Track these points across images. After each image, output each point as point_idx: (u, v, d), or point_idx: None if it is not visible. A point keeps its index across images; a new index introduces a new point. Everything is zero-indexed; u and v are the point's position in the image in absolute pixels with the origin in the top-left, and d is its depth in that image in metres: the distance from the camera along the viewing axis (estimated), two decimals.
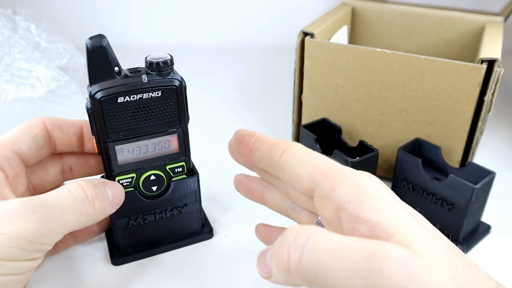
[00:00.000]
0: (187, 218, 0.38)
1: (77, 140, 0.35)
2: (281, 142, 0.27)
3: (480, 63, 0.38)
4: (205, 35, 0.89)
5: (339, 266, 0.19)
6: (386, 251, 0.19)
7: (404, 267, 0.18)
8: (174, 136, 0.34)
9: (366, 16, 0.58)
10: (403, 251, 0.19)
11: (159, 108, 0.32)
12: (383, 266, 0.19)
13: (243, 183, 0.34)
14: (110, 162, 0.33)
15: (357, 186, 0.23)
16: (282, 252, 0.21)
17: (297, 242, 0.21)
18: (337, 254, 0.20)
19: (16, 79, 0.49)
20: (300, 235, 0.21)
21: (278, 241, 0.22)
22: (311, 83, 0.47)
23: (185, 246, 0.39)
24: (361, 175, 0.24)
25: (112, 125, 0.31)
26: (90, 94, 0.30)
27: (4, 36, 0.53)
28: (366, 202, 0.22)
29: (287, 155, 0.26)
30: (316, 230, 0.21)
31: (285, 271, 0.21)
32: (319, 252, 0.20)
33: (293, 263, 0.21)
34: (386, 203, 0.22)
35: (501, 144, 0.56)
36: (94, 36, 0.29)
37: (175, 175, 0.36)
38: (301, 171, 0.25)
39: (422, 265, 0.19)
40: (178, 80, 0.32)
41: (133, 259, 0.37)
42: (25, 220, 0.25)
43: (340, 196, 0.23)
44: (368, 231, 0.21)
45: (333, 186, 0.23)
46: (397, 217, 0.21)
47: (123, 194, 0.33)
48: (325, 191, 0.24)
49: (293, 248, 0.21)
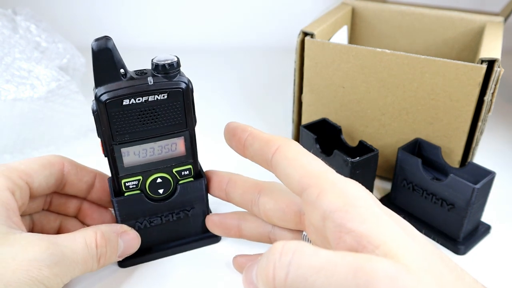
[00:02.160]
0: (194, 221, 0.38)
1: (86, 188, 0.36)
2: (274, 139, 0.27)
3: (480, 63, 0.38)
4: (205, 35, 0.89)
5: (327, 283, 0.19)
6: (373, 266, 0.19)
7: (391, 282, 0.18)
8: (181, 139, 0.34)
9: (366, 16, 0.58)
10: (390, 265, 0.19)
11: (166, 111, 0.32)
12: (370, 281, 0.18)
13: (216, 222, 0.34)
14: (116, 164, 0.33)
15: (343, 195, 0.23)
16: (267, 270, 0.21)
17: (282, 259, 0.20)
18: (324, 271, 0.19)
19: (16, 79, 0.49)
20: (285, 252, 0.20)
21: (264, 258, 0.22)
22: (311, 83, 0.47)
23: (192, 249, 0.39)
24: (348, 184, 0.24)
25: (117, 127, 0.31)
26: (96, 96, 0.30)
27: (4, 36, 0.53)
28: (351, 212, 0.21)
29: (280, 154, 0.26)
30: (302, 246, 0.21)
31: None
32: (305, 269, 0.20)
33: (279, 281, 0.20)
34: (372, 213, 0.22)
35: (501, 144, 0.56)
36: (99, 38, 0.29)
37: (182, 178, 0.36)
38: (292, 173, 0.25)
39: (410, 278, 0.19)
40: (185, 83, 0.31)
41: (140, 262, 0.37)
42: (49, 270, 0.27)
43: (326, 205, 0.22)
44: (354, 241, 0.21)
45: (320, 194, 0.23)
46: (383, 227, 0.21)
47: (137, 243, 0.34)
48: (312, 198, 0.23)
49: (278, 266, 0.20)
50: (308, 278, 0.19)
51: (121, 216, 0.35)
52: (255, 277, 0.23)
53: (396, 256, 0.19)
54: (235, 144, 0.29)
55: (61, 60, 0.59)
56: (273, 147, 0.26)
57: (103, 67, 0.29)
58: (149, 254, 0.37)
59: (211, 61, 0.82)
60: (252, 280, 0.23)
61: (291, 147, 0.26)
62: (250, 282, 0.24)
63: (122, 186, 0.34)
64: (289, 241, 0.21)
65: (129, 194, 0.34)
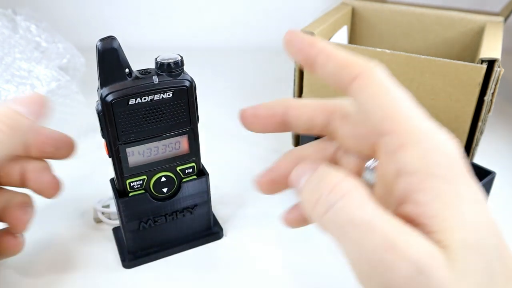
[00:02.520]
0: (197, 219, 0.38)
1: None
2: (354, 64, 0.21)
3: (480, 63, 0.38)
4: (205, 35, 0.89)
5: (356, 242, 0.18)
6: (406, 251, 0.17)
7: (418, 275, 0.17)
8: (184, 137, 0.34)
9: (366, 16, 0.58)
10: (428, 257, 0.17)
11: (170, 109, 0.32)
12: (396, 266, 0.17)
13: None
14: (121, 165, 0.33)
15: (426, 156, 0.19)
16: (312, 196, 0.20)
17: (329, 197, 0.19)
18: (359, 230, 0.18)
19: (16, 79, 0.49)
20: (335, 191, 0.19)
21: (315, 180, 0.20)
22: (311, 83, 0.47)
23: (195, 247, 0.39)
24: (437, 142, 0.19)
25: (123, 127, 0.31)
26: (101, 97, 0.30)
27: (4, 36, 0.53)
28: (427, 183, 0.18)
29: (359, 85, 0.21)
30: (354, 192, 0.19)
31: (306, 213, 0.20)
32: (344, 218, 0.18)
33: (316, 213, 0.20)
34: (446, 191, 0.18)
35: (501, 144, 0.56)
36: (105, 38, 0.28)
37: (185, 176, 0.36)
38: (371, 111, 0.20)
39: (446, 277, 0.17)
40: (189, 81, 0.32)
41: (144, 262, 0.37)
42: None
43: (403, 163, 0.19)
44: (414, 213, 0.18)
45: (400, 147, 0.19)
46: (454, 212, 0.18)
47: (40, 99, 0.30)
48: (390, 148, 0.19)
49: (322, 201, 0.19)
50: (341, 228, 0.19)
51: (126, 216, 0.35)
52: (301, 185, 0.21)
53: (446, 248, 0.17)
54: (302, 59, 0.23)
55: (61, 60, 0.59)
56: (352, 73, 0.21)
57: (109, 67, 0.29)
58: (154, 253, 0.37)
59: (211, 61, 0.82)
60: (299, 185, 0.22)
61: (375, 77, 0.21)
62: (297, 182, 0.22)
63: (127, 187, 0.34)
64: (344, 180, 0.19)
65: (133, 194, 0.35)
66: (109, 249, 0.39)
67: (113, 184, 0.35)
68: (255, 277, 0.36)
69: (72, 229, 0.41)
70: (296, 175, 0.22)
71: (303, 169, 0.22)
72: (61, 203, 0.45)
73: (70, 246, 0.39)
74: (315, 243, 0.40)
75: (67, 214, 0.43)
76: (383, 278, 0.17)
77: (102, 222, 0.42)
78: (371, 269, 0.18)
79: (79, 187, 0.47)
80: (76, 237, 0.41)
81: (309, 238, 0.41)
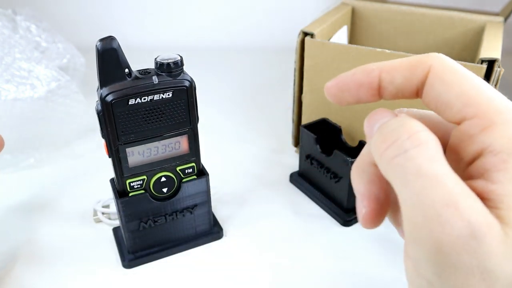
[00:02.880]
0: (197, 219, 0.38)
1: None
2: (419, 60, 0.21)
3: (480, 63, 0.38)
4: (205, 35, 0.89)
5: (417, 191, 0.18)
6: (466, 211, 0.17)
7: (470, 238, 0.17)
8: (184, 137, 0.34)
9: (366, 16, 0.58)
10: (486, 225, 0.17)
11: (170, 109, 0.32)
12: (452, 223, 0.17)
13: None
14: (121, 165, 0.33)
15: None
16: (385, 138, 0.19)
17: (404, 143, 0.19)
18: (424, 180, 0.18)
19: (16, 79, 0.49)
20: (413, 139, 0.19)
21: (392, 125, 0.20)
22: (311, 83, 0.47)
23: (196, 247, 0.39)
24: None
25: (123, 127, 0.31)
26: (101, 97, 0.30)
27: (4, 36, 0.53)
28: (509, 162, 0.18)
29: (434, 78, 0.21)
30: (429, 145, 0.18)
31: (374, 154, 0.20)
32: (410, 167, 0.18)
33: (385, 157, 0.19)
34: None
35: None
36: (104, 38, 0.28)
37: (185, 176, 0.36)
38: (451, 100, 0.20)
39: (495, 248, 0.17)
40: (189, 81, 0.32)
41: (144, 262, 0.37)
42: None
43: (490, 142, 0.19)
44: (482, 189, 0.18)
45: (487, 128, 0.19)
46: None
47: None
48: (474, 130, 0.19)
49: (396, 145, 0.19)
50: (405, 176, 0.18)
51: (125, 216, 0.35)
52: (380, 124, 0.21)
53: (507, 226, 0.17)
54: (363, 94, 0.23)
55: (61, 60, 0.59)
56: (423, 69, 0.21)
57: (109, 67, 0.29)
58: (154, 253, 0.37)
59: (211, 61, 0.82)
60: (372, 130, 0.22)
61: (446, 66, 0.21)
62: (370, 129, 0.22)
63: (127, 187, 0.34)
64: (425, 131, 0.19)
65: (133, 194, 0.35)
66: (109, 249, 0.39)
67: (113, 184, 0.35)
68: (255, 277, 0.36)
69: (72, 229, 0.41)
70: (375, 114, 0.22)
71: (385, 111, 0.22)
72: (61, 203, 0.45)
73: (70, 246, 0.39)
74: (315, 243, 0.40)
75: (67, 214, 0.43)
76: (433, 233, 0.17)
77: (102, 222, 0.42)
78: (424, 221, 0.17)
79: (79, 187, 0.47)
80: (76, 237, 0.41)
81: (309, 238, 0.41)
